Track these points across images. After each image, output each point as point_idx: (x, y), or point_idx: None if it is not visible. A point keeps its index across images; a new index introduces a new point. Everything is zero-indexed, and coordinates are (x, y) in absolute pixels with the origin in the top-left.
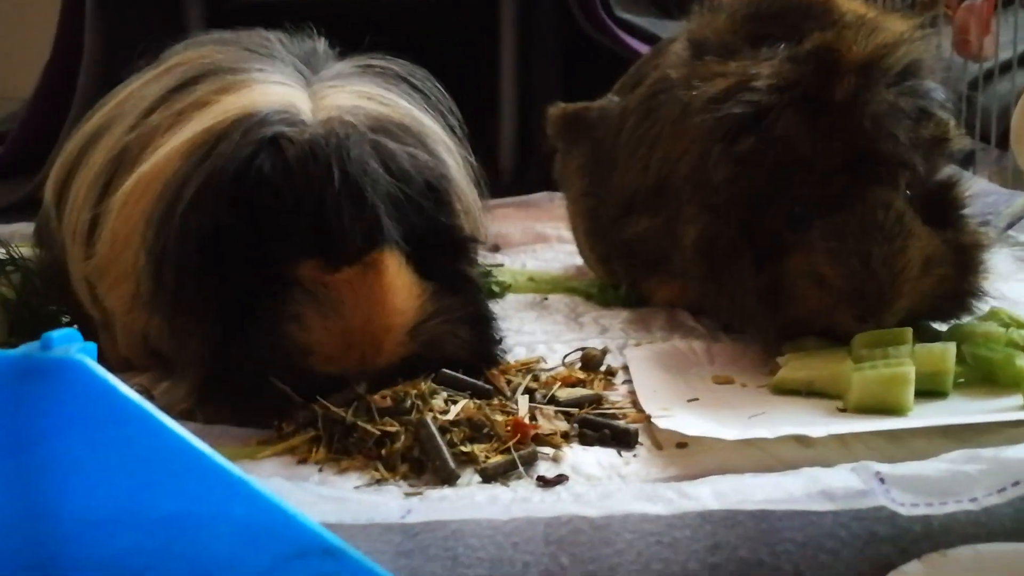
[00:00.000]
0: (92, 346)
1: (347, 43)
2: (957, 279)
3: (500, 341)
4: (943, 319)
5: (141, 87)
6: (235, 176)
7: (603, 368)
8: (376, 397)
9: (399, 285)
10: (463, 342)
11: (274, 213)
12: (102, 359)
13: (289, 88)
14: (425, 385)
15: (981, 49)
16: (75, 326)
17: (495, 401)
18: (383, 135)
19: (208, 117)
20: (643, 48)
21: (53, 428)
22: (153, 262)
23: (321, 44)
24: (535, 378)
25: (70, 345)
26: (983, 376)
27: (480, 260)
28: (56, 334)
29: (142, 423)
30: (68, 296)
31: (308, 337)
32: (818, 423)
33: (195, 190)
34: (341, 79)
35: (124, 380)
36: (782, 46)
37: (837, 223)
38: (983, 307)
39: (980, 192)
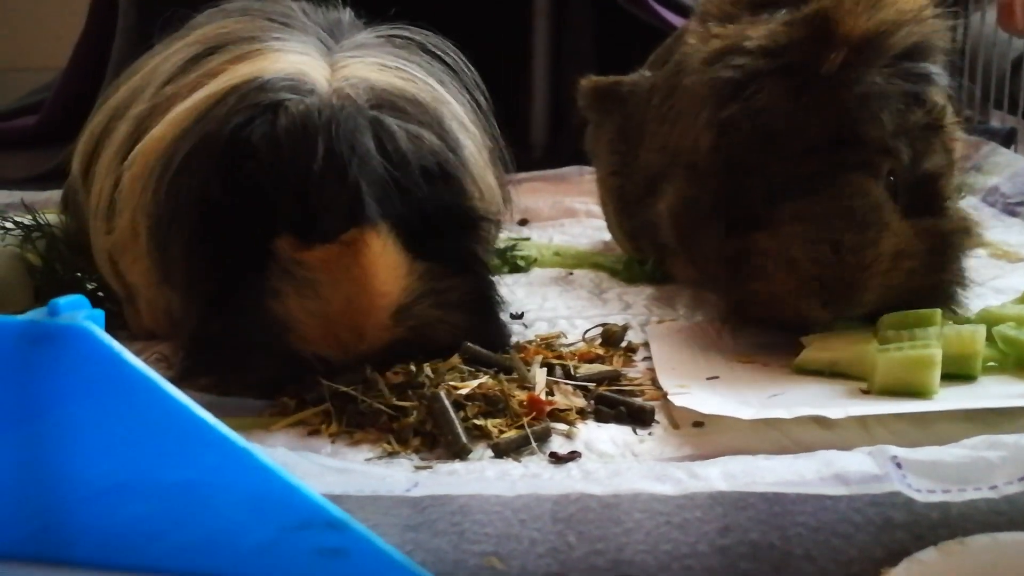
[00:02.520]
0: (99, 313)
1: (378, 14)
2: (927, 272)
3: (505, 327)
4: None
5: (163, 59)
6: (226, 141)
7: (624, 344)
8: (388, 373)
9: (380, 266)
10: (453, 327)
11: (259, 184)
12: (126, 329)
13: (306, 57)
14: (447, 362)
15: None
16: (100, 293)
17: (515, 376)
18: (388, 110)
19: (211, 86)
20: (679, 21)
21: (60, 395)
22: (150, 229)
23: (346, 14)
24: (555, 353)
25: (77, 312)
26: (1015, 360)
27: (503, 235)
28: (63, 300)
29: (147, 391)
30: (94, 263)
31: (287, 315)
32: (838, 404)
33: (186, 155)
34: (362, 49)
35: (146, 349)
36: (783, 12)
37: (810, 206)
38: (967, 296)
39: (1020, 171)
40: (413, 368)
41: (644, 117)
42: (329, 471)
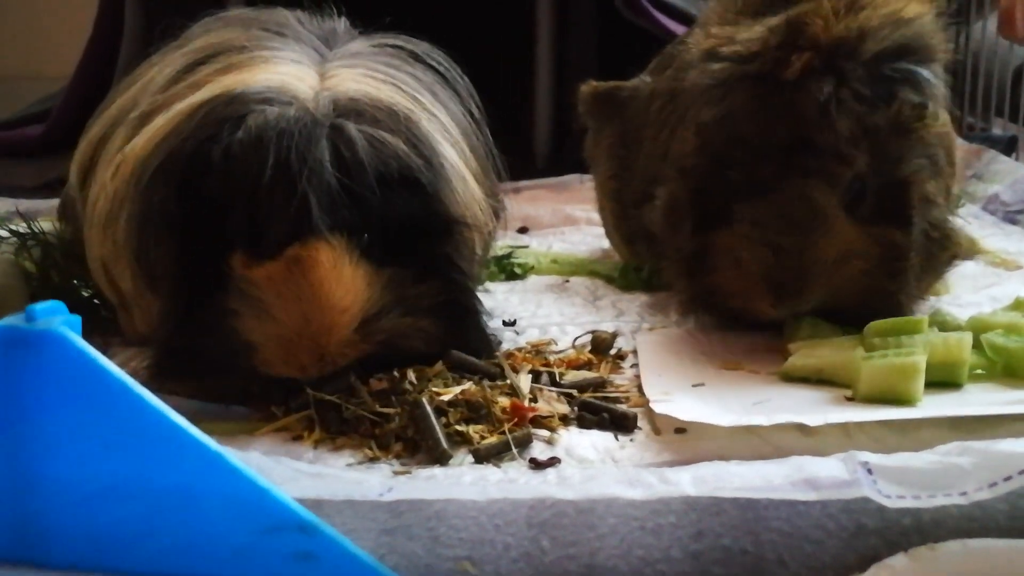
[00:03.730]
0: (76, 319)
1: (376, 23)
2: (879, 276)
3: (487, 332)
4: (874, 315)
5: (159, 68)
6: (189, 156)
7: (613, 352)
8: (372, 380)
9: (334, 280)
10: (427, 335)
11: (215, 199)
12: (121, 335)
13: (295, 67)
14: (431, 369)
15: None
16: (96, 300)
17: (500, 383)
18: (353, 117)
19: (189, 99)
20: (680, 29)
21: (36, 399)
22: (129, 240)
23: (341, 23)
24: (543, 360)
25: (53, 317)
26: (1003, 368)
27: (501, 243)
28: (40, 306)
29: (122, 396)
30: (88, 269)
31: (247, 336)
32: (819, 411)
33: (153, 170)
34: (355, 58)
35: (139, 355)
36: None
37: (760, 208)
38: (928, 299)
39: (1021, 179)
40: (397, 375)
41: (643, 122)
42: (304, 476)
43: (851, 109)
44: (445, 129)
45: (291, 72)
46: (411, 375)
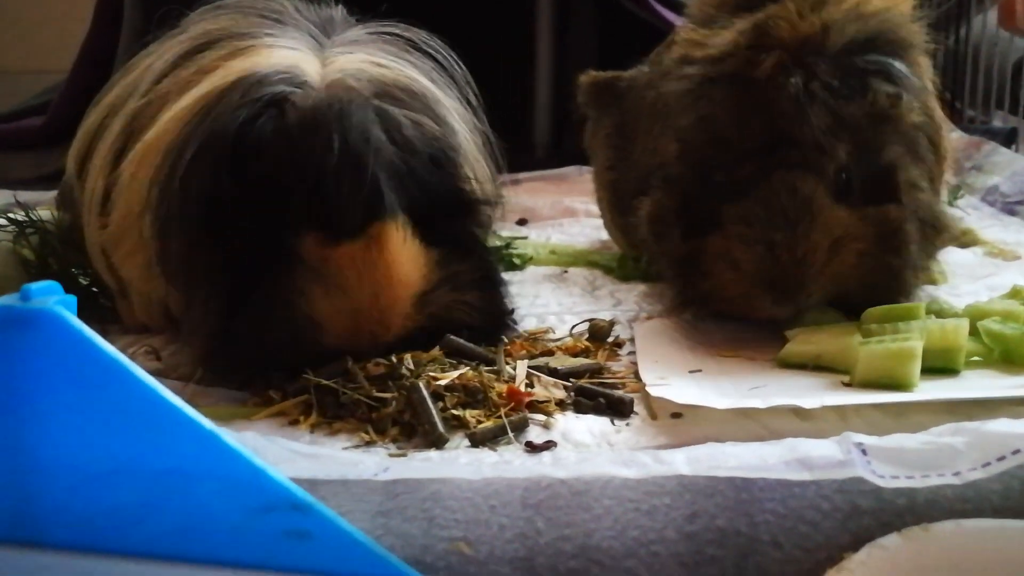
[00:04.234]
0: (72, 299)
1: (373, 12)
2: (880, 254)
3: (509, 306)
4: (881, 299)
5: (156, 57)
6: (235, 138)
7: (611, 340)
8: (369, 365)
9: (403, 257)
10: (471, 308)
11: (274, 180)
12: (119, 322)
13: (297, 52)
14: (428, 354)
15: None
16: (95, 288)
17: (496, 368)
18: (388, 100)
19: (209, 82)
20: (680, 21)
21: (31, 379)
22: (158, 228)
23: (339, 11)
24: (540, 348)
25: (48, 297)
26: (1000, 355)
27: (499, 232)
28: (35, 286)
29: (117, 375)
30: (88, 259)
31: (316, 313)
32: (815, 396)
33: (194, 152)
34: (353, 44)
35: (137, 341)
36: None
37: (746, 207)
38: (925, 288)
39: (1020, 170)
40: (394, 359)
41: (640, 113)
42: (299, 456)
43: (824, 102)
44: (456, 114)
45: (296, 57)
46: (408, 360)
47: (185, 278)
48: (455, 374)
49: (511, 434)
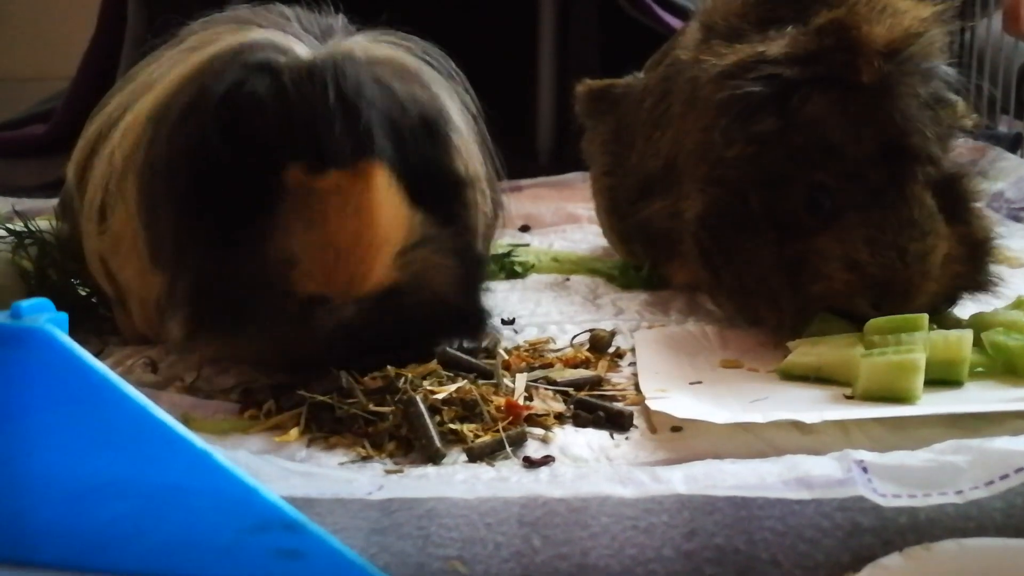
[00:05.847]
0: (63, 316)
1: (374, 22)
2: (968, 275)
3: (485, 283)
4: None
5: (155, 67)
6: (224, 95)
7: (611, 350)
8: (366, 379)
9: (389, 201)
10: (452, 273)
11: (265, 131)
12: (118, 334)
13: (290, 36)
14: (425, 367)
15: None
16: (94, 299)
17: (494, 381)
18: (382, 68)
19: (198, 54)
20: (680, 25)
21: (22, 397)
22: (143, 188)
23: (339, 20)
24: (540, 359)
25: (40, 314)
26: (1004, 366)
27: (501, 240)
28: (26, 303)
29: (107, 393)
30: (87, 270)
31: (292, 247)
32: (817, 409)
33: (180, 110)
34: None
35: (135, 354)
36: (790, 28)
37: (877, 215)
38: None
39: None
40: (392, 372)
41: (637, 119)
42: (293, 474)
43: (927, 113)
44: (454, 99)
45: (289, 39)
46: (405, 374)
47: (167, 249)
48: (452, 387)
49: (509, 449)
